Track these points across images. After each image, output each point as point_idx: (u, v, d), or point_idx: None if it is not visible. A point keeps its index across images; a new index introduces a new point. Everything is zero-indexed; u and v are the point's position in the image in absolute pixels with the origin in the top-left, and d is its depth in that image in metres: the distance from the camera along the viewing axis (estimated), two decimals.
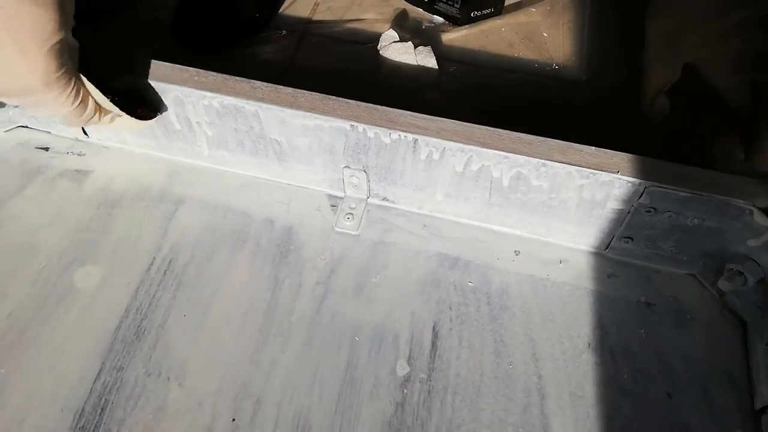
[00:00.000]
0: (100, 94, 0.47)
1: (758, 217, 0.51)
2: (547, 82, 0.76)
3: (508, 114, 0.56)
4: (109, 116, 0.51)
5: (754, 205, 0.51)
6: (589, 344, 0.54)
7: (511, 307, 0.56)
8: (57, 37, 0.41)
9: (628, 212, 0.54)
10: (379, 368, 0.52)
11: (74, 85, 0.45)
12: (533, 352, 0.54)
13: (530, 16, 0.83)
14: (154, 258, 0.57)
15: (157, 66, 0.55)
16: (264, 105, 0.54)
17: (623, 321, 0.56)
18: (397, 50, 0.73)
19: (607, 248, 0.59)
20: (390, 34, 0.74)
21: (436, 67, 0.73)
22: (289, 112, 0.54)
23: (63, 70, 0.43)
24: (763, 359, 0.52)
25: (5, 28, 0.38)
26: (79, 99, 0.46)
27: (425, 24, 0.83)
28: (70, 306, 0.54)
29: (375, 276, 0.58)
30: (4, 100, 0.44)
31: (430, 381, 0.52)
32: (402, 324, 0.55)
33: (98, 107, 0.49)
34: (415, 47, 0.73)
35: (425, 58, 0.72)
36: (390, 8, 0.85)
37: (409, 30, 0.80)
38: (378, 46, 0.75)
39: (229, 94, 0.54)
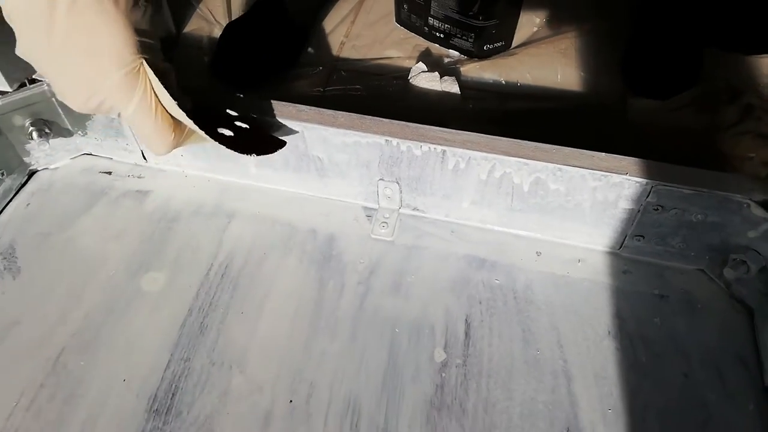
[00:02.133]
0: (177, 108, 0.50)
1: (755, 210, 0.57)
2: (555, 107, 0.83)
3: (520, 134, 0.63)
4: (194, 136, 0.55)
5: (750, 199, 0.56)
6: (609, 332, 0.60)
7: (536, 301, 0.62)
8: (130, 57, 0.45)
9: (638, 211, 0.60)
10: (418, 355, 0.57)
11: (150, 100, 0.48)
12: (558, 340, 0.59)
13: (539, 48, 0.91)
14: (212, 264, 0.63)
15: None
16: (309, 125, 0.62)
17: (639, 311, 0.61)
18: (424, 79, 0.81)
19: (620, 247, 0.65)
20: (419, 66, 0.83)
21: (459, 93, 0.80)
22: (331, 130, 0.61)
23: (139, 86, 0.47)
24: None
25: (88, 53, 0.44)
26: (156, 114, 0.49)
27: (444, 58, 0.90)
28: (139, 307, 0.60)
29: (410, 276, 0.63)
30: (95, 113, 0.49)
31: (465, 366, 0.57)
32: (437, 317, 0.60)
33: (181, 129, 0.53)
34: (441, 77, 0.81)
35: (449, 86, 0.80)
36: (410, 45, 0.93)
37: (429, 64, 0.88)
38: (409, 77, 0.83)
39: (277, 116, 0.62)
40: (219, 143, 0.54)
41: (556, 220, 0.64)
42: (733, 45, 0.85)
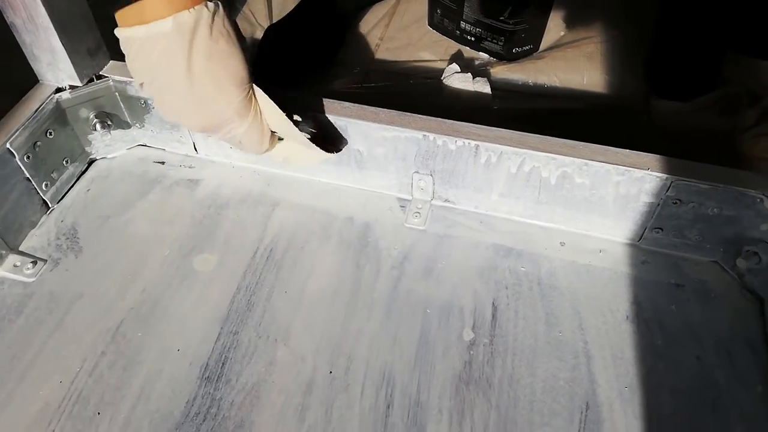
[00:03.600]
0: (286, 121, 0.58)
1: None
2: (581, 108, 0.87)
3: (548, 133, 0.67)
4: (286, 147, 0.64)
5: (764, 194, 0.60)
6: (627, 317, 0.64)
7: (559, 287, 0.66)
8: (247, 83, 0.54)
9: (658, 204, 0.64)
10: (448, 334, 0.62)
11: (259, 118, 0.57)
12: (579, 323, 0.63)
13: (566, 51, 0.95)
14: (258, 247, 0.69)
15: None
16: (352, 120, 0.67)
17: (656, 298, 0.65)
18: (457, 79, 0.85)
19: (640, 239, 0.69)
20: (453, 67, 0.88)
21: (490, 93, 0.85)
22: (373, 125, 0.66)
23: (252, 107, 0.55)
24: None
25: (215, 79, 0.51)
26: (263, 129, 0.58)
27: (474, 60, 0.95)
28: (192, 285, 0.66)
29: (441, 262, 0.68)
30: (207, 133, 0.57)
31: (492, 345, 0.61)
32: (466, 300, 0.65)
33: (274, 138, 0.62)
34: (473, 78, 0.86)
35: (481, 86, 0.84)
36: (442, 48, 0.98)
37: (460, 65, 0.92)
38: (442, 77, 0.88)
39: (323, 112, 0.67)
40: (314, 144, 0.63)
41: (581, 212, 0.68)
42: (753, 50, 0.89)
